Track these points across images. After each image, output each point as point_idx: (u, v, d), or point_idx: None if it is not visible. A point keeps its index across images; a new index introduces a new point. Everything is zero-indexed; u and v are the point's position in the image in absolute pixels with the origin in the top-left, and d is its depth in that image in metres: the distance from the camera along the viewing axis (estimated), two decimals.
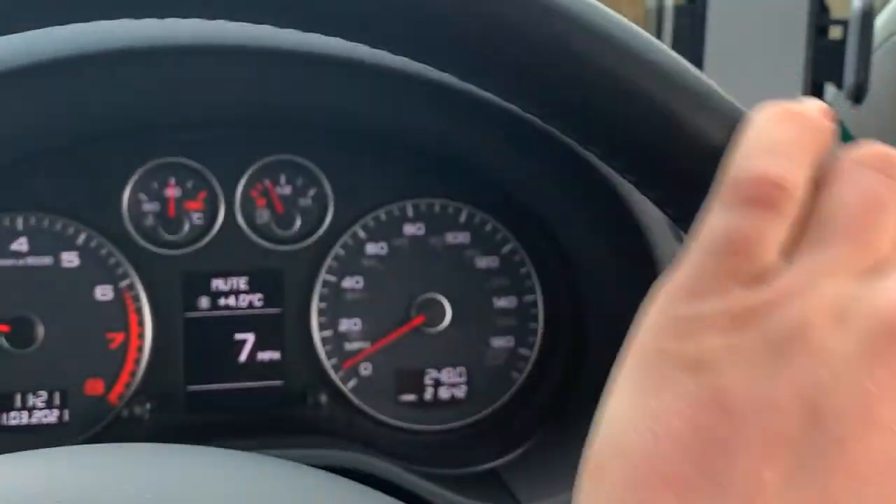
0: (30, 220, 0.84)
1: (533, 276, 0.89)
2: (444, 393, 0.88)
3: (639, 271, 0.76)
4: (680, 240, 0.75)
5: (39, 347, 0.83)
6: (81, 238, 0.84)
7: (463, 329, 0.88)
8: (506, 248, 0.89)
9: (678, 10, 0.81)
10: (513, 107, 0.72)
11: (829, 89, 0.83)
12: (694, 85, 0.34)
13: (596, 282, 0.84)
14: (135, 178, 0.85)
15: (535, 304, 0.89)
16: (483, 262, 0.89)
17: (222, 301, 0.87)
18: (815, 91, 0.79)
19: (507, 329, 0.89)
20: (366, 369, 0.88)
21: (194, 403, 0.86)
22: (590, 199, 0.78)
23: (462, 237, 0.89)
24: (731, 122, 0.34)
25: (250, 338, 0.87)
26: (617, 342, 0.82)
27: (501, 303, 0.89)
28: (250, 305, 0.87)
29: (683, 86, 0.34)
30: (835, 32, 0.79)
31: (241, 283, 0.87)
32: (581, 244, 0.84)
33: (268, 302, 0.87)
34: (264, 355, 0.87)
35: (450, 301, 0.88)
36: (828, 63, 0.79)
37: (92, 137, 0.83)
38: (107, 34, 0.68)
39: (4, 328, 0.82)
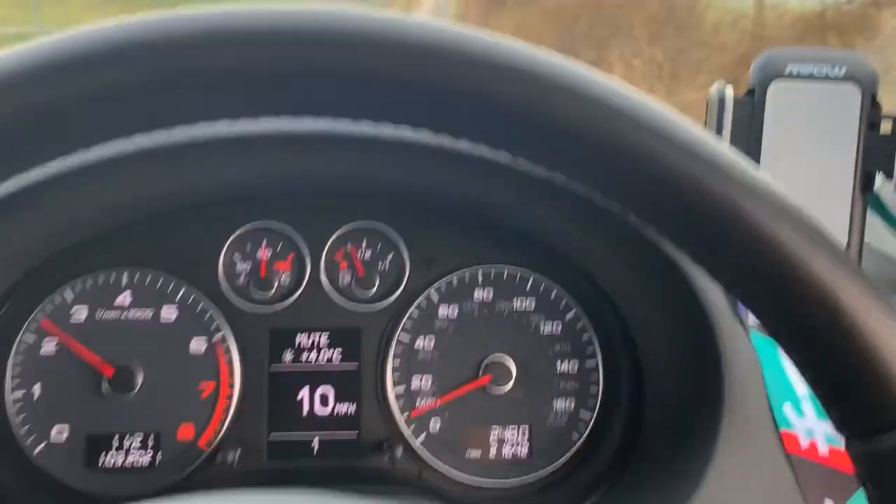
0: (134, 275, 0.92)
1: (594, 343, 0.95)
2: (507, 451, 0.94)
3: (697, 342, 0.81)
4: (738, 319, 0.80)
5: (137, 393, 0.90)
6: (180, 294, 0.92)
7: (527, 390, 0.94)
8: (569, 315, 0.95)
9: (737, 100, 0.87)
10: (575, 191, 0.78)
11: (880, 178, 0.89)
12: None
13: (655, 349, 0.89)
14: (230, 240, 0.93)
15: (595, 368, 0.95)
16: (547, 327, 0.95)
17: (305, 356, 0.93)
18: (866, 180, 0.85)
19: (569, 392, 0.94)
20: (435, 425, 0.93)
21: (276, 451, 0.92)
22: (652, 273, 0.84)
23: (528, 303, 0.95)
24: None
25: (329, 391, 0.93)
26: (674, 406, 0.87)
27: (564, 367, 0.95)
28: (330, 360, 0.94)
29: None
30: (885, 127, 0.85)
31: (323, 339, 0.94)
32: (641, 314, 0.89)
33: (346, 357, 0.94)
34: (341, 408, 0.93)
35: (515, 363, 0.94)
36: (878, 154, 0.85)
37: (193, 205, 0.91)
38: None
39: (109, 372, 0.89)
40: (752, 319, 0.84)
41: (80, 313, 0.91)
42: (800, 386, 0.80)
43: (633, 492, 0.85)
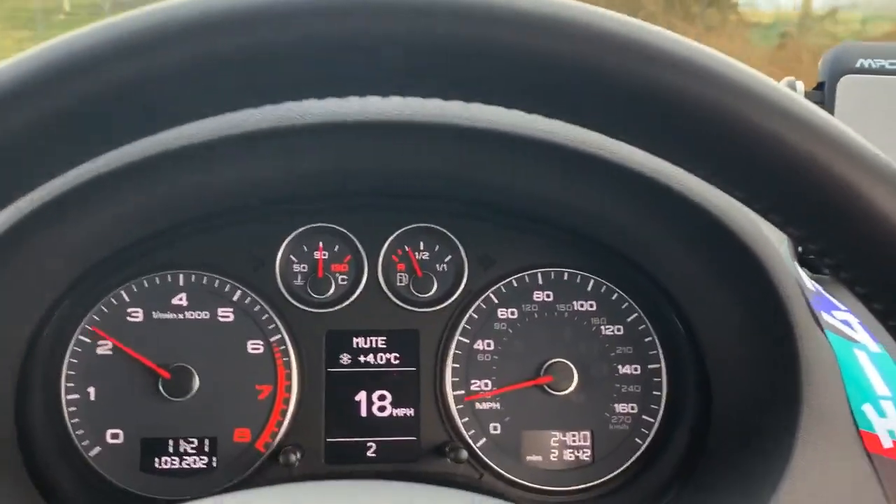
0: (190, 277, 0.91)
1: (657, 346, 0.93)
2: (568, 455, 0.92)
3: (771, 341, 0.78)
4: (814, 318, 0.78)
5: (194, 396, 0.89)
6: (237, 295, 0.91)
7: (588, 394, 0.92)
8: (630, 318, 0.93)
9: (807, 94, 0.86)
10: (644, 182, 0.76)
11: None
12: None
13: (723, 351, 0.86)
14: (287, 241, 0.92)
15: (658, 372, 0.92)
16: (608, 330, 0.93)
17: (362, 358, 0.92)
18: None
19: (632, 396, 0.92)
20: (495, 429, 0.92)
21: (333, 455, 0.90)
22: (724, 272, 0.82)
23: (588, 305, 0.94)
24: None
25: (387, 394, 0.92)
26: (745, 407, 0.85)
27: (626, 370, 0.93)
28: (388, 363, 0.92)
29: None
30: None
31: (380, 341, 0.92)
32: (709, 315, 0.87)
33: (404, 360, 0.92)
34: (399, 411, 0.91)
35: (576, 366, 0.92)
36: None
37: (248, 205, 0.91)
38: (267, 113, 0.75)
39: (166, 375, 0.88)
40: (825, 319, 0.82)
41: (136, 315, 0.90)
42: (880, 386, 0.78)
43: (703, 495, 0.83)
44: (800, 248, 0.97)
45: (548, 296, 0.94)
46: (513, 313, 0.93)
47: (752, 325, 0.81)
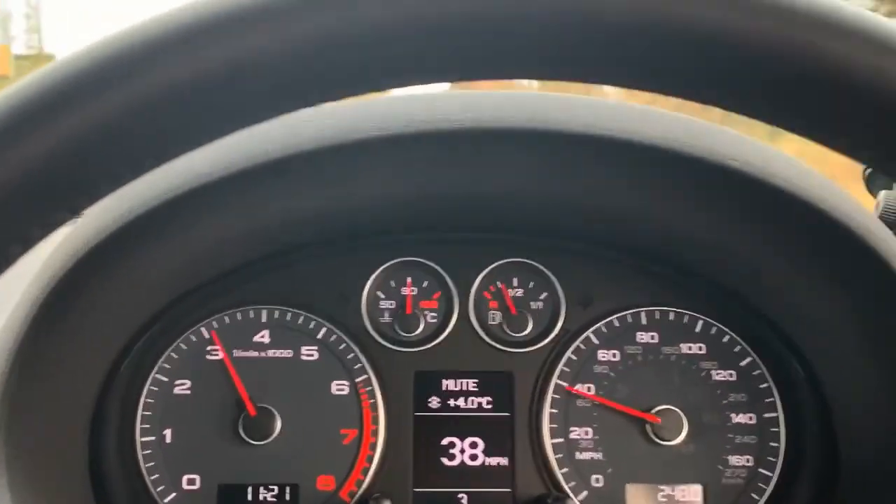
0: (273, 313, 0.86)
1: (774, 392, 0.85)
2: None
3: None
4: None
5: (275, 440, 0.83)
6: (321, 332, 0.86)
7: (699, 444, 0.84)
8: (744, 362, 0.86)
9: None
10: (762, 215, 0.67)
11: None
12: None
13: (849, 398, 0.79)
14: (374, 276, 0.87)
15: (776, 421, 0.85)
16: (720, 375, 0.86)
17: (452, 402, 0.86)
18: None
19: (747, 447, 0.84)
20: (597, 481, 0.84)
21: None
22: (853, 310, 0.74)
23: (697, 348, 0.87)
24: None
25: (479, 441, 0.85)
26: (877, 461, 0.76)
27: (740, 419, 0.85)
28: (479, 408, 0.86)
29: None
30: None
31: (471, 384, 0.86)
32: (833, 359, 0.79)
33: (497, 405, 0.86)
34: (493, 460, 0.85)
35: (685, 414, 0.84)
36: None
37: (334, 237, 0.86)
38: (357, 124, 0.68)
39: (252, 412, 0.82)
40: None
41: (216, 353, 0.85)
42: None
43: None
44: None
45: (652, 337, 0.87)
46: (614, 355, 0.87)
47: (886, 367, 0.73)
